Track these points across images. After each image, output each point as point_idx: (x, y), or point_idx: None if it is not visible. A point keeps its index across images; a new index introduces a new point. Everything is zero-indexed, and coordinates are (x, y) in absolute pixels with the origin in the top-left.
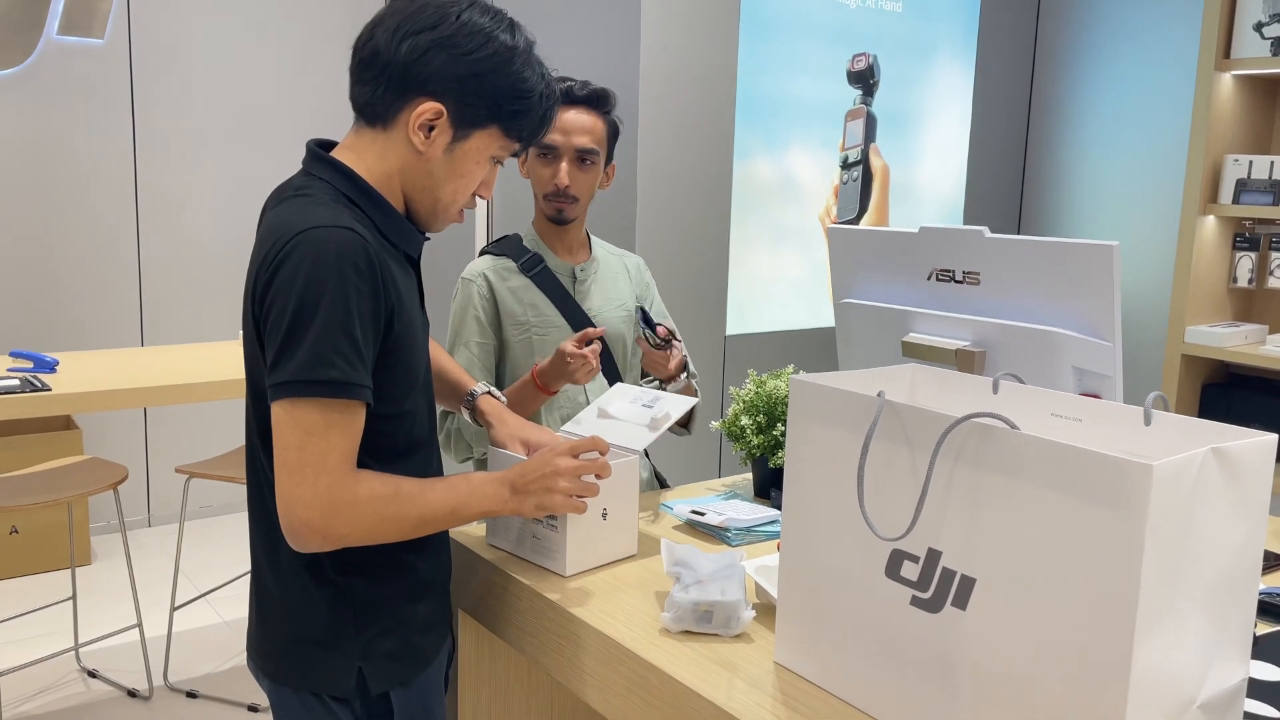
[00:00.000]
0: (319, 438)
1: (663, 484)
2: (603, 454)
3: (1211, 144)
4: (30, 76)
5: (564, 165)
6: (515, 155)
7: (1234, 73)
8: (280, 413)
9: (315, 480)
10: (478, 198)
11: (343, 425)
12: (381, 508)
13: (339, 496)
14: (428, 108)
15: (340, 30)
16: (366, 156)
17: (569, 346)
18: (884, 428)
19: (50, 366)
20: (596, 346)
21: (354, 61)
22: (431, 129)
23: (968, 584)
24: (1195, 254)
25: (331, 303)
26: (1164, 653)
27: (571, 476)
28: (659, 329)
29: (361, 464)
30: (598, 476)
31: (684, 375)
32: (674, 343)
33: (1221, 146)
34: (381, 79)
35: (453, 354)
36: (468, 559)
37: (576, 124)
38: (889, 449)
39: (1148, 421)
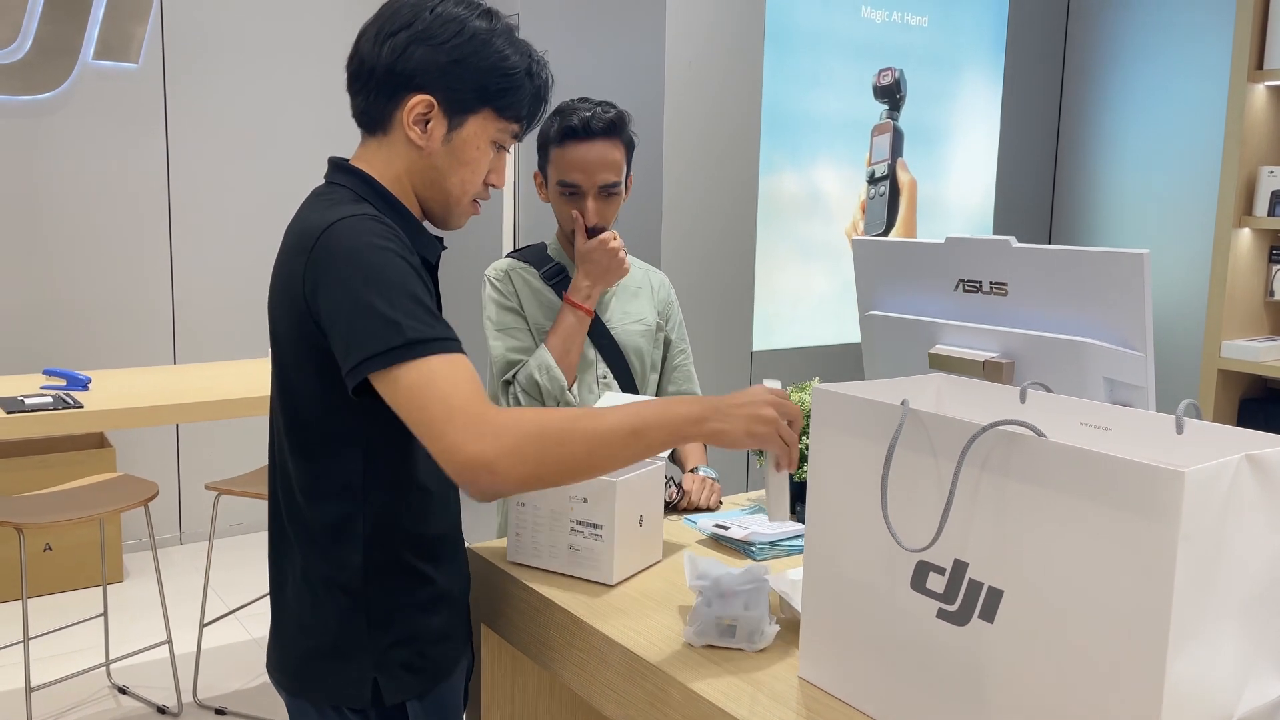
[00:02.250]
0: (427, 390)
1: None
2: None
3: (1245, 155)
4: (66, 100)
5: (590, 203)
6: (519, 138)
7: (1267, 84)
8: (384, 388)
9: (449, 423)
10: (491, 187)
11: (445, 372)
12: (542, 426)
13: (483, 427)
14: (418, 100)
15: None
16: (375, 165)
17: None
18: (908, 437)
19: (83, 384)
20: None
21: (347, 78)
22: (426, 122)
23: (995, 596)
24: (1230, 267)
25: (381, 275)
26: (1199, 666)
27: (780, 408)
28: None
29: (377, 461)
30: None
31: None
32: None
33: (1256, 158)
34: (370, 85)
35: (496, 344)
36: (486, 571)
37: (599, 161)
38: (913, 458)
39: (1180, 430)
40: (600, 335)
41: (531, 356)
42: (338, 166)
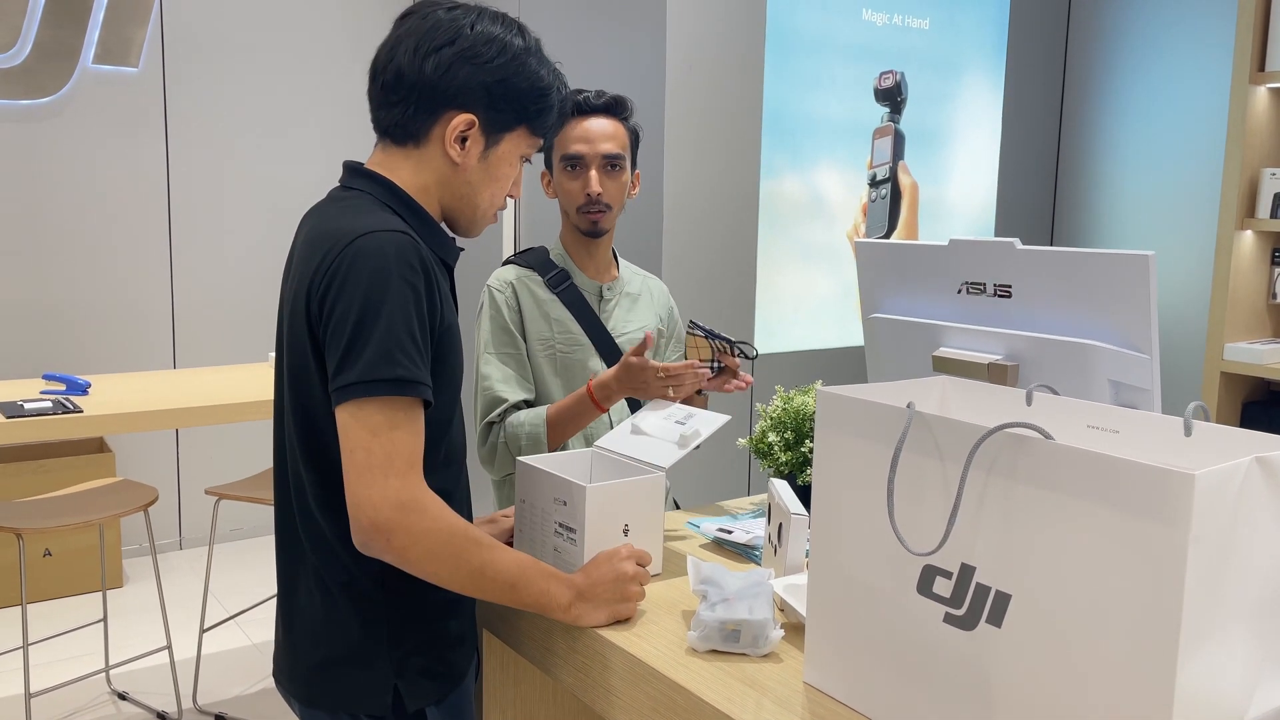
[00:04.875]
0: (385, 438)
1: (675, 505)
2: (645, 564)
3: (1248, 157)
4: (66, 104)
5: (593, 173)
6: (541, 150)
7: (1269, 85)
8: (345, 416)
9: (384, 482)
10: (508, 198)
11: (407, 425)
12: (448, 534)
13: (408, 501)
14: (461, 120)
15: (372, 55)
16: (400, 172)
17: (635, 359)
18: (914, 439)
19: (82, 389)
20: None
21: (375, 86)
22: (465, 140)
23: (1003, 600)
24: (1233, 269)
25: (393, 304)
26: (1209, 670)
27: (638, 580)
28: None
29: None
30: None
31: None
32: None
33: (1258, 160)
34: (410, 99)
35: (480, 364)
36: None
37: (599, 131)
38: (919, 461)
39: (1188, 432)
40: (606, 343)
41: (528, 419)
42: (356, 171)
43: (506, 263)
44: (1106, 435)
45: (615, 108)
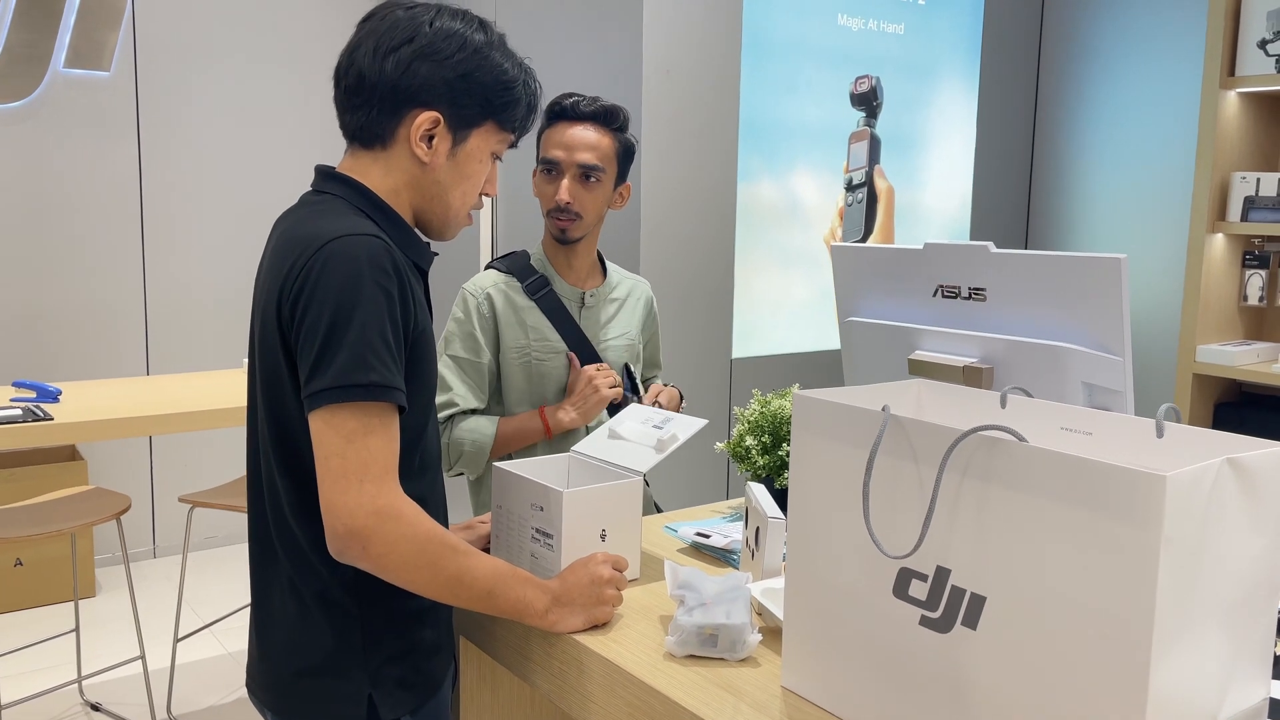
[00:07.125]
0: (359, 444)
1: (656, 509)
2: (622, 569)
3: (1218, 161)
4: (37, 108)
5: (566, 182)
6: (514, 146)
7: (1239, 90)
8: (319, 422)
9: (360, 488)
10: (484, 197)
11: (382, 430)
12: (424, 540)
13: (384, 508)
14: (425, 118)
15: None
16: (371, 175)
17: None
18: (889, 443)
19: (53, 396)
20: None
21: (339, 91)
22: (431, 138)
23: (978, 602)
24: (1205, 272)
25: (365, 309)
26: (1182, 671)
27: (614, 584)
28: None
29: None
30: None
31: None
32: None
33: (1228, 164)
34: (373, 100)
35: (442, 372)
36: None
37: (580, 140)
38: (895, 464)
39: (1160, 434)
40: (584, 352)
41: (474, 430)
42: (328, 175)
43: (489, 267)
44: (1079, 437)
45: (603, 117)
